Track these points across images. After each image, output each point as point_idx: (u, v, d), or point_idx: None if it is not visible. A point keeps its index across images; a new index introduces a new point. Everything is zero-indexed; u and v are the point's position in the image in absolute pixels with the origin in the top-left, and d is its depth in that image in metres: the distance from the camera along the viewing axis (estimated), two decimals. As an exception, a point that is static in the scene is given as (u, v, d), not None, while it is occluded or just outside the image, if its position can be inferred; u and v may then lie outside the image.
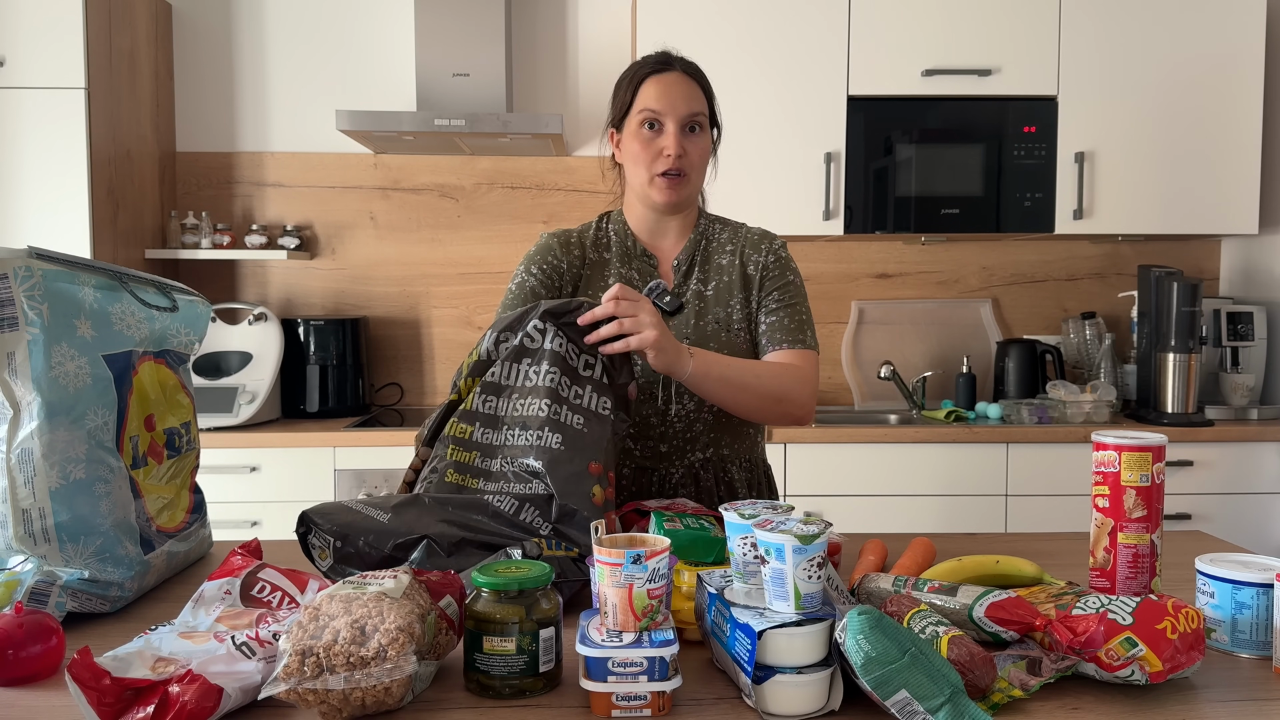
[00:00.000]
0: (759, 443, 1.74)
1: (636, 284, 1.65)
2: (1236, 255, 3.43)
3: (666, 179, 1.57)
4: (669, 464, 1.63)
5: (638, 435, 1.62)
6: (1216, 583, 1.11)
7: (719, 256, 1.67)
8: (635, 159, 1.59)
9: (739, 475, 1.67)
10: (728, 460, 1.67)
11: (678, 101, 1.56)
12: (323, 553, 1.22)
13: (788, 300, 1.63)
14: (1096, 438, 1.23)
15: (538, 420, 1.32)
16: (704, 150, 1.61)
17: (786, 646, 0.94)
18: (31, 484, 1.17)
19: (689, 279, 1.66)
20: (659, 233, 1.67)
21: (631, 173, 1.62)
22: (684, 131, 1.57)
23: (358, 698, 0.91)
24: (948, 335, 3.44)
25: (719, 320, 1.63)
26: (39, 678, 1.03)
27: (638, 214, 1.67)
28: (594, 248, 1.67)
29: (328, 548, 1.21)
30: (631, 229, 1.68)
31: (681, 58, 1.62)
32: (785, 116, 3.03)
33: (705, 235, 1.69)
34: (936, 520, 2.86)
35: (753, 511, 1.08)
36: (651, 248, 1.68)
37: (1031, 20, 3.03)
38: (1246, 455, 2.89)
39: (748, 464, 1.70)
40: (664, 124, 1.57)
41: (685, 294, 1.65)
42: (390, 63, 3.35)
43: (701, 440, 1.63)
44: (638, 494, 1.64)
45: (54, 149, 2.77)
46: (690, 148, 1.58)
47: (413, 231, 3.39)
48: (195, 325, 1.43)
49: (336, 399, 3.15)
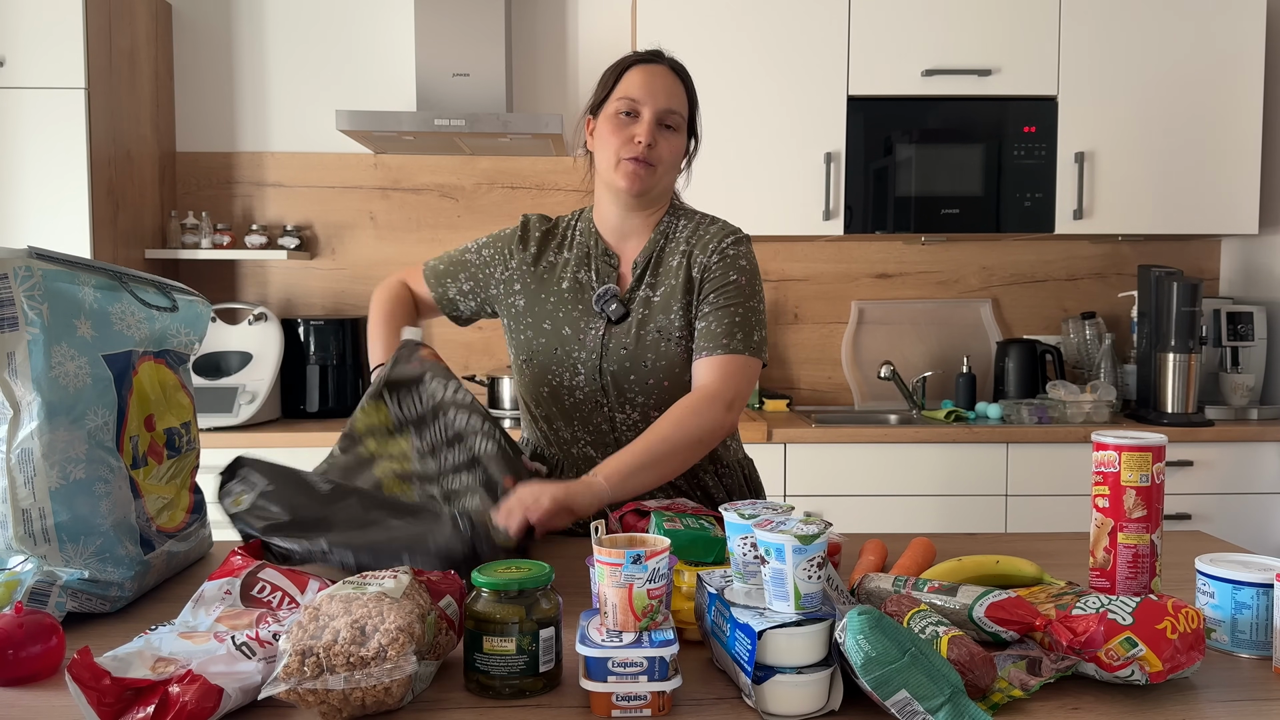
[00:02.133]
0: (730, 445, 1.69)
1: (592, 286, 1.60)
2: (1236, 255, 3.43)
3: (634, 164, 1.52)
4: None
5: (595, 442, 1.62)
6: (1216, 583, 1.11)
7: (670, 258, 1.60)
8: (605, 143, 1.55)
9: (711, 481, 1.65)
10: (699, 466, 1.63)
11: (658, 93, 1.54)
12: (239, 499, 1.25)
13: (723, 303, 1.54)
14: (1096, 438, 1.23)
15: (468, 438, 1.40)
16: (675, 149, 1.57)
17: (786, 646, 0.93)
18: (31, 484, 1.17)
19: (642, 281, 1.59)
20: (624, 232, 1.62)
21: (600, 158, 1.57)
22: (660, 126, 1.54)
23: (358, 698, 0.91)
24: (948, 335, 3.44)
25: (660, 329, 1.56)
26: (39, 678, 1.03)
27: (604, 210, 1.62)
28: (555, 248, 1.65)
29: (251, 491, 1.26)
30: (597, 227, 1.63)
31: (671, 57, 1.60)
32: (785, 116, 3.03)
33: (665, 233, 1.62)
34: (936, 520, 2.86)
35: (753, 511, 1.08)
36: (615, 247, 1.62)
37: (1031, 20, 3.03)
38: (1246, 455, 2.89)
39: (724, 469, 1.67)
40: (641, 113, 1.53)
41: (634, 300, 1.58)
42: (390, 63, 3.35)
43: None
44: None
45: (54, 149, 2.77)
46: (663, 142, 1.54)
47: (413, 231, 3.39)
48: (195, 325, 1.43)
49: (336, 399, 3.15)
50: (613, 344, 1.57)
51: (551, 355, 1.59)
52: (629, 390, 1.57)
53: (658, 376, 1.56)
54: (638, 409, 1.58)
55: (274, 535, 1.24)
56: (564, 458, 1.66)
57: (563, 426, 1.63)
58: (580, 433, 1.62)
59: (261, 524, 1.25)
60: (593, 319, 1.59)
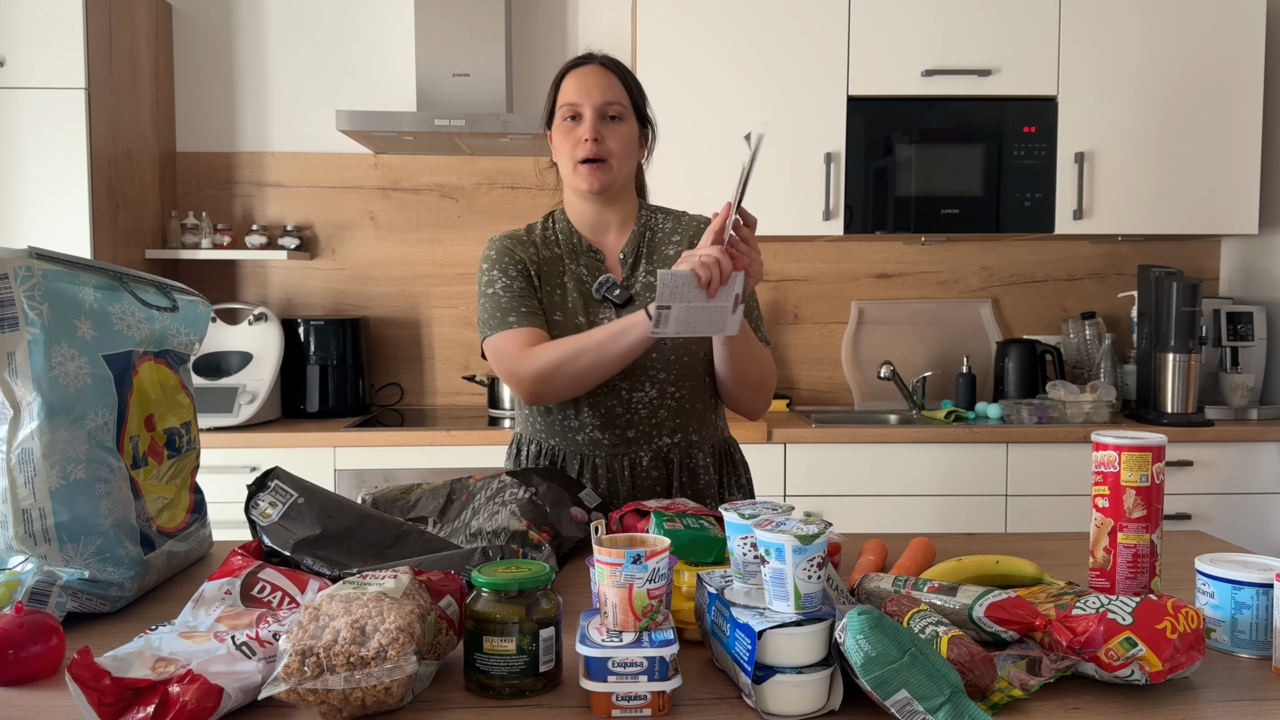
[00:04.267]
0: (721, 427, 1.78)
1: (586, 280, 1.67)
2: (1236, 255, 3.43)
3: (587, 165, 1.61)
4: (637, 449, 1.67)
5: (604, 425, 1.66)
6: (1216, 583, 1.11)
7: (666, 247, 1.70)
8: (560, 150, 1.65)
9: (702, 460, 1.72)
10: (695, 446, 1.71)
11: (593, 90, 1.61)
12: (266, 512, 1.25)
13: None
14: (1096, 438, 1.23)
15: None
16: (624, 138, 1.63)
17: (786, 646, 0.94)
18: (32, 484, 1.17)
19: (636, 271, 1.69)
20: (600, 227, 1.71)
21: (560, 165, 1.67)
22: (602, 120, 1.61)
23: (358, 698, 0.91)
24: (948, 335, 3.44)
25: None
26: (39, 678, 1.03)
27: (577, 210, 1.71)
28: (544, 245, 1.71)
29: (281, 504, 1.26)
30: (574, 225, 1.71)
31: (603, 54, 1.67)
32: (785, 116, 3.03)
33: (648, 226, 1.72)
34: (936, 520, 2.86)
35: (753, 511, 1.08)
36: (596, 243, 1.70)
37: (1031, 20, 3.03)
38: (1246, 455, 2.89)
39: (711, 448, 1.74)
40: (582, 114, 1.61)
41: (634, 286, 1.67)
42: (390, 63, 3.35)
43: (667, 426, 1.67)
44: (612, 480, 1.67)
45: (54, 149, 2.77)
46: (608, 134, 1.61)
47: (413, 231, 3.39)
48: (195, 325, 1.43)
49: (336, 399, 3.15)
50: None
51: None
52: (651, 368, 1.64)
53: (678, 352, 1.64)
54: (656, 385, 1.65)
55: (304, 553, 1.23)
56: (566, 446, 1.70)
57: (572, 414, 1.68)
58: (589, 417, 1.67)
59: (292, 540, 1.23)
60: (601, 306, 1.66)
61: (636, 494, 1.68)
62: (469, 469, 2.76)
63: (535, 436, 1.74)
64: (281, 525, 1.25)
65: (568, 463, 1.70)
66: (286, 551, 1.22)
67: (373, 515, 1.33)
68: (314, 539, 1.24)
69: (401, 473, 2.80)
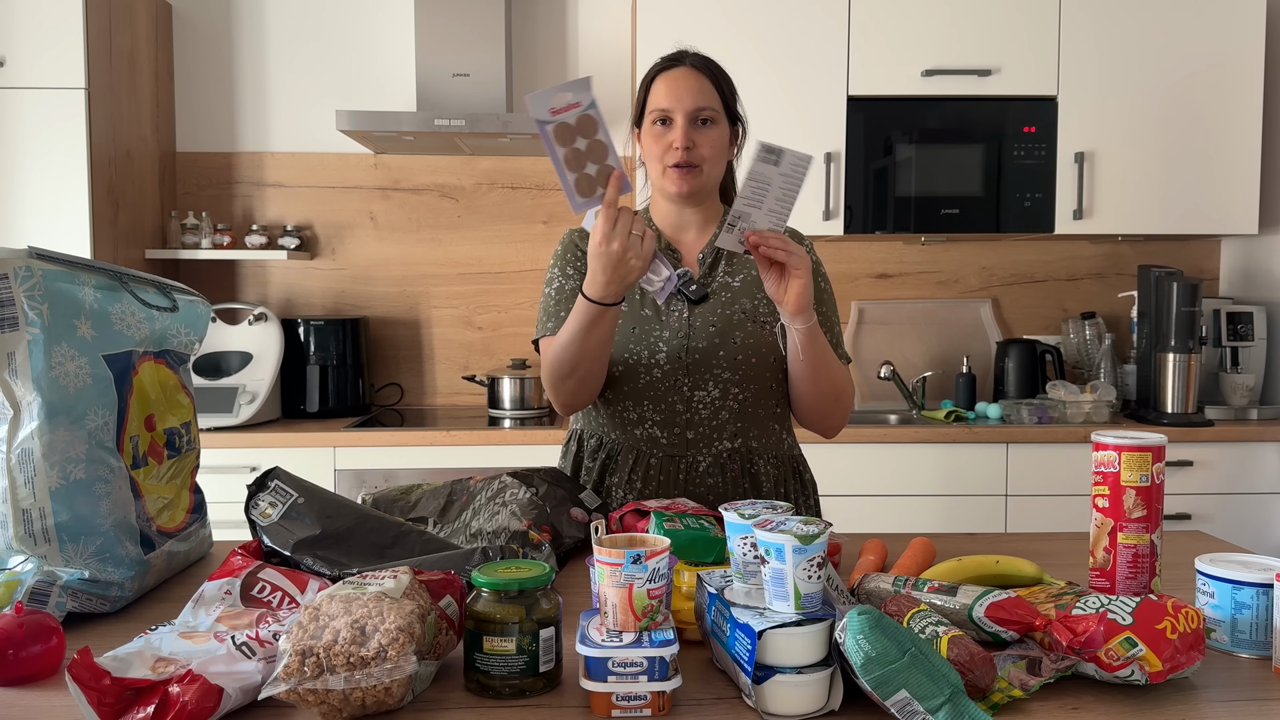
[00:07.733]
0: (785, 439, 1.74)
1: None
2: (1236, 255, 3.43)
3: (678, 170, 1.60)
4: (696, 451, 1.64)
5: (664, 423, 1.64)
6: (1216, 583, 1.11)
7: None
8: (650, 154, 1.65)
9: (765, 469, 1.68)
10: (755, 453, 1.67)
11: (684, 96, 1.59)
12: (266, 512, 1.25)
13: (823, 314, 1.64)
14: (1096, 438, 1.23)
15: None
16: (716, 142, 1.62)
17: (786, 646, 0.94)
18: (32, 484, 1.17)
19: (715, 270, 1.68)
20: (681, 226, 1.71)
21: (650, 168, 1.67)
22: (694, 125, 1.60)
23: (358, 698, 0.91)
24: (948, 335, 3.44)
25: (745, 311, 1.64)
26: (39, 678, 1.03)
27: (661, 209, 1.71)
28: None
29: (281, 503, 1.26)
30: (657, 224, 1.71)
31: (695, 53, 1.65)
32: (785, 116, 3.03)
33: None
34: (936, 520, 2.86)
35: (753, 511, 1.08)
36: (676, 242, 1.71)
37: (1031, 20, 3.03)
38: (1246, 455, 2.89)
39: (774, 459, 1.70)
40: (673, 119, 1.60)
41: (712, 284, 1.67)
42: (390, 63, 3.35)
43: (728, 430, 1.64)
44: (665, 483, 1.64)
45: (54, 149, 2.77)
46: (700, 140, 1.60)
47: (413, 231, 3.39)
48: (195, 325, 1.43)
49: (336, 399, 3.15)
50: (699, 323, 1.63)
51: (629, 334, 1.63)
52: (716, 367, 1.63)
53: (745, 354, 1.63)
54: (720, 385, 1.63)
55: (304, 553, 1.23)
56: (625, 439, 1.68)
57: (631, 406, 1.66)
58: (649, 413, 1.65)
59: (292, 541, 1.24)
60: (673, 300, 1.65)
61: None
62: (469, 469, 2.76)
63: (597, 430, 1.71)
64: (281, 525, 1.25)
65: (624, 456, 1.66)
66: (286, 551, 1.22)
67: (373, 515, 1.33)
68: (314, 539, 1.24)
69: (402, 473, 2.80)
